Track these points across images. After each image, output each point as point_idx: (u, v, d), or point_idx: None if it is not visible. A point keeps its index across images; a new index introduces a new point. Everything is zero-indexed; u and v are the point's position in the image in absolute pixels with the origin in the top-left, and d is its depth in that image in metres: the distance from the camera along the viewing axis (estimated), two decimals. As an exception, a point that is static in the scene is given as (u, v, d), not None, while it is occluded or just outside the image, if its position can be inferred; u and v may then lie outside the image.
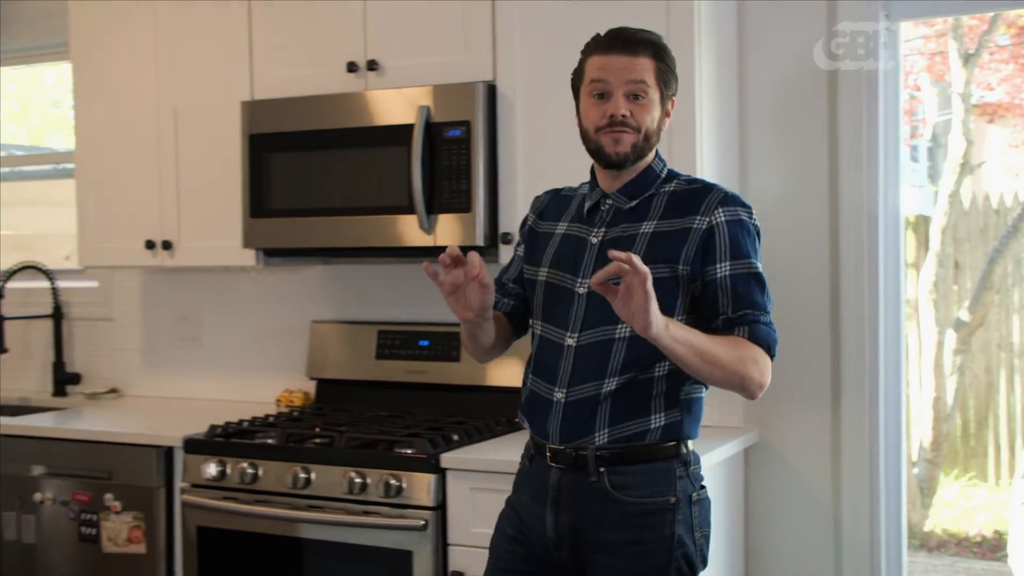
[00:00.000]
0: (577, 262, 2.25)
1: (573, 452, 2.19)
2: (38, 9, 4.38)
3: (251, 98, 3.51)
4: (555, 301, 2.26)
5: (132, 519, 3.38)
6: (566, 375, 2.21)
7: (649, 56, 2.20)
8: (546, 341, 2.27)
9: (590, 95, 2.22)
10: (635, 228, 2.22)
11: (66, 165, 4.44)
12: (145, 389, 4.22)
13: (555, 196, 2.42)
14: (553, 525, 2.22)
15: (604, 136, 2.20)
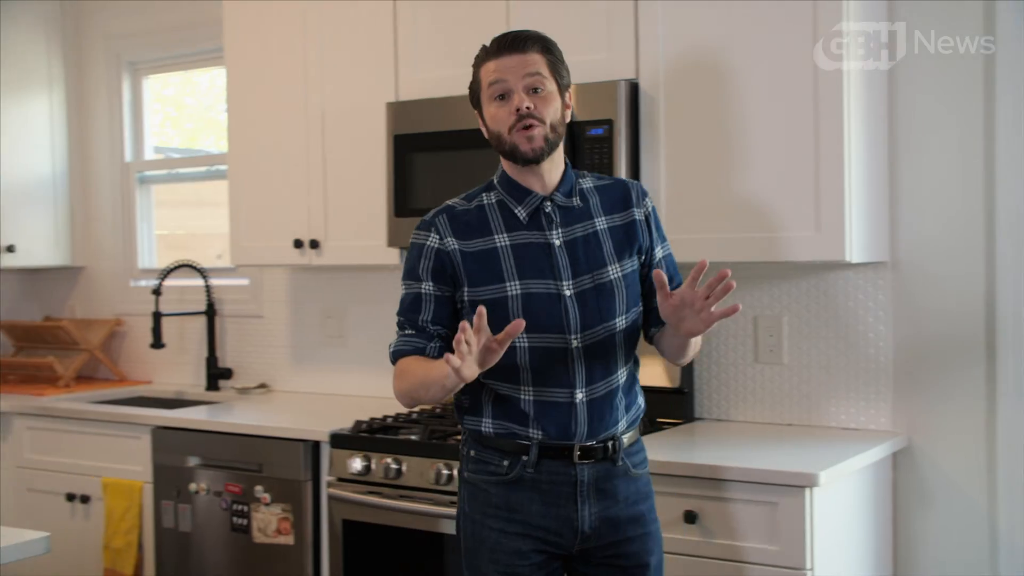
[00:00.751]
0: (551, 267, 2.29)
1: (602, 445, 2.30)
2: (192, 17, 4.54)
3: (396, 99, 3.57)
4: (540, 310, 2.27)
5: (281, 511, 3.47)
6: (581, 376, 2.28)
7: (538, 51, 2.29)
8: (541, 350, 2.27)
9: (492, 99, 2.29)
10: (590, 226, 2.34)
11: (219, 167, 4.58)
12: (293, 384, 4.33)
13: (451, 214, 2.37)
14: (588, 519, 2.29)
15: (517, 135, 2.26)
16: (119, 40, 4.80)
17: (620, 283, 2.32)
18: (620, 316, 2.30)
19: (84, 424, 3.99)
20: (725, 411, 3.41)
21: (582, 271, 2.30)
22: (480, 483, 2.34)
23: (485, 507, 2.32)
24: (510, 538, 2.29)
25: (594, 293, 2.29)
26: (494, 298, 2.27)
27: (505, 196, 2.35)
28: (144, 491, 3.82)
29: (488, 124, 2.32)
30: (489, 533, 2.31)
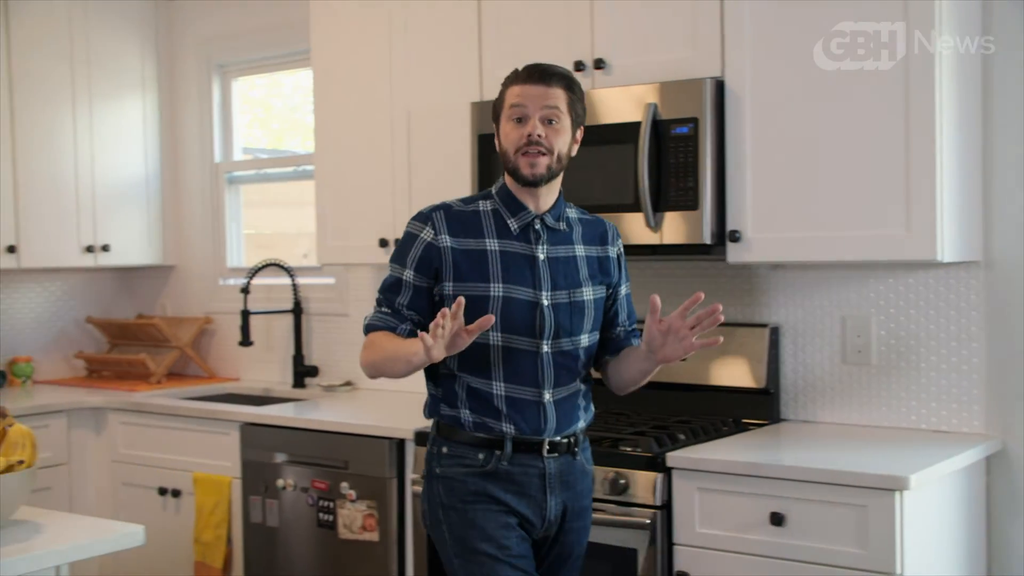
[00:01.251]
0: (533, 277, 2.48)
1: (566, 440, 2.51)
2: (280, 19, 4.61)
3: (480, 99, 3.59)
4: (517, 313, 2.45)
5: (366, 507, 3.51)
6: (549, 378, 2.48)
7: (561, 87, 2.47)
8: (514, 350, 2.46)
9: (510, 119, 2.48)
10: (571, 249, 2.55)
11: (306, 167, 4.65)
12: (377, 382, 4.35)
13: (449, 213, 2.52)
14: (554, 507, 2.50)
15: (521, 158, 2.45)
16: (209, 43, 4.89)
17: (591, 305, 2.54)
18: (585, 333, 2.53)
19: (175, 420, 4.08)
20: (812, 412, 3.37)
21: (560, 286, 2.50)
22: (456, 476, 2.47)
23: (465, 495, 2.46)
24: (497, 515, 2.45)
25: (568, 308, 2.50)
26: (478, 295, 2.44)
27: (501, 207, 2.53)
28: (233, 486, 3.88)
29: (501, 140, 2.50)
30: (476, 515, 2.45)
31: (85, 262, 4.68)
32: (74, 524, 2.35)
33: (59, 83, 4.54)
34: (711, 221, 3.11)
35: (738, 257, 3.13)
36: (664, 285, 3.61)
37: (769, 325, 3.37)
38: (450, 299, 2.43)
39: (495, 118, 2.54)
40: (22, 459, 2.23)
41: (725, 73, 3.12)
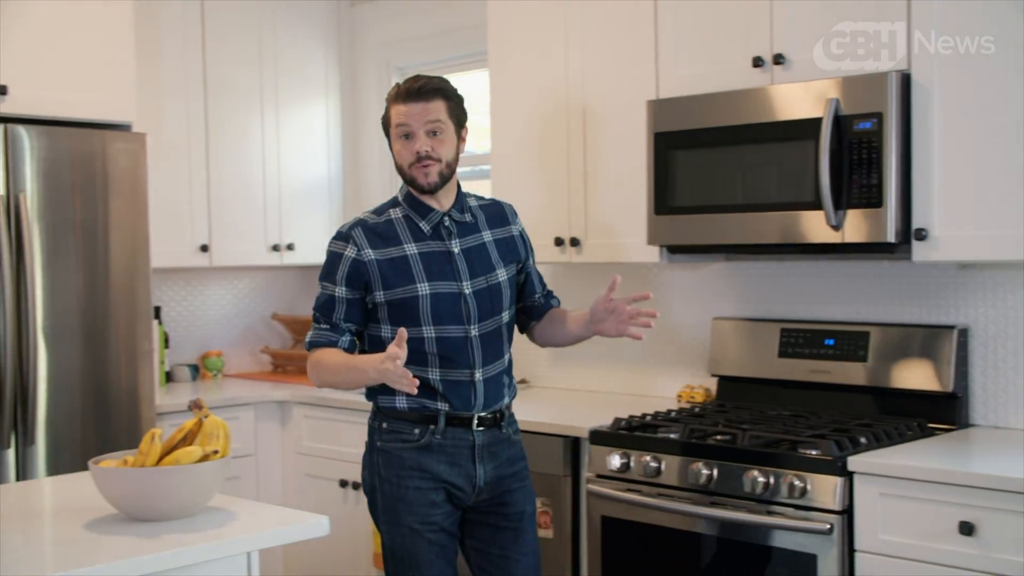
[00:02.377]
0: (453, 270, 2.74)
1: (492, 415, 2.78)
2: (457, 21, 4.68)
3: (656, 96, 3.57)
4: (445, 306, 2.72)
5: (541, 505, 3.53)
6: (478, 359, 2.74)
7: (440, 99, 2.72)
8: (446, 339, 2.72)
9: (398, 137, 2.73)
10: (480, 237, 2.82)
11: (482, 167, 4.71)
12: (552, 380, 4.40)
13: (366, 227, 2.76)
14: (483, 475, 2.76)
15: (416, 170, 2.71)
16: (389, 46, 5.01)
17: (506, 284, 2.82)
18: (506, 311, 2.82)
19: (355, 414, 4.19)
20: (1003, 417, 3.23)
21: (477, 273, 2.77)
22: (394, 450, 2.74)
23: (400, 470, 2.71)
24: (425, 492, 2.71)
25: (487, 292, 2.77)
26: (407, 297, 2.70)
27: (410, 212, 2.77)
28: (411, 480, 3.96)
29: (395, 156, 2.76)
30: (406, 491, 2.71)
31: (271, 260, 4.86)
32: (264, 513, 2.44)
33: (249, 89, 4.73)
34: (895, 219, 3.02)
35: (924, 256, 3.02)
36: (845, 285, 3.53)
37: (957, 327, 3.24)
38: (383, 306, 2.72)
39: (385, 132, 2.78)
40: (216, 449, 2.32)
41: (912, 65, 3.02)
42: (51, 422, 3.67)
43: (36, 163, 3.65)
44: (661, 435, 3.26)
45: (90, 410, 3.78)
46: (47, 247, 3.67)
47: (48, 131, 3.69)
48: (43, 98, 3.73)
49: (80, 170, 3.76)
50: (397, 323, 2.69)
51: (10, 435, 3.58)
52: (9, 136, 3.59)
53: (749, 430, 3.12)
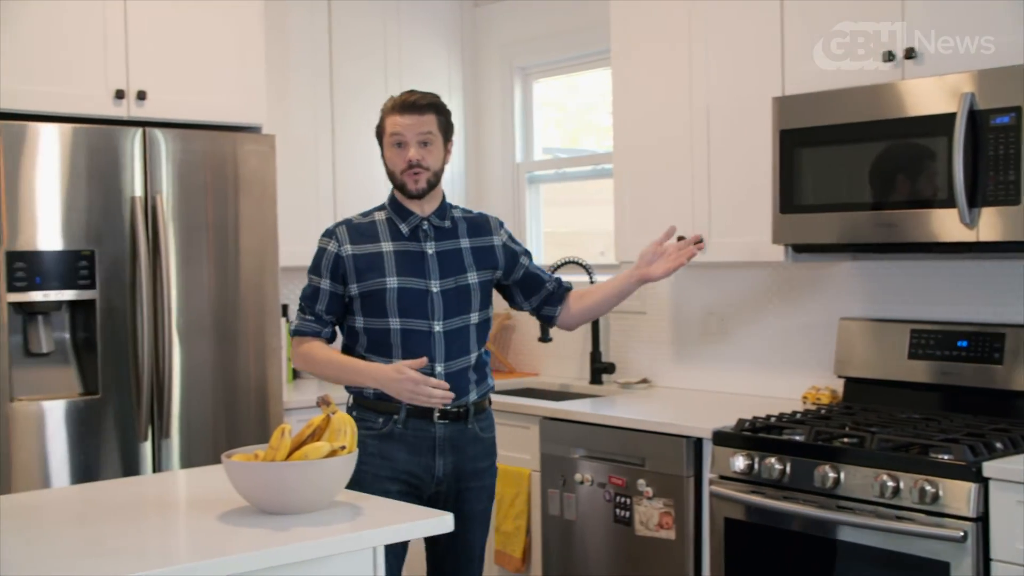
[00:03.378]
0: (423, 269, 2.95)
1: (456, 409, 2.94)
2: (580, 21, 4.68)
3: (782, 93, 3.51)
4: (411, 300, 2.91)
5: (663, 505, 3.51)
6: (440, 353, 2.92)
7: (432, 113, 2.95)
8: (410, 331, 2.92)
9: (391, 145, 2.96)
10: (456, 243, 3.02)
11: (604, 166, 4.70)
12: (674, 380, 4.37)
13: (350, 226, 3.00)
14: (442, 467, 2.94)
15: (406, 176, 2.94)
16: (512, 46, 5.04)
17: (476, 287, 2.99)
18: (474, 312, 2.99)
19: (478, 412, 4.22)
20: None
21: (447, 274, 2.96)
22: (360, 437, 2.75)
23: (363, 455, 2.73)
24: (380, 480, 2.87)
25: (455, 292, 2.95)
26: (377, 289, 2.92)
27: (393, 215, 3.01)
28: (532, 479, 3.98)
29: (386, 161, 2.98)
30: (363, 476, 2.77)
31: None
32: (388, 508, 2.47)
33: (374, 90, 4.79)
34: (1034, 217, 2.92)
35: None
36: (979, 285, 3.42)
37: (1100, 329, 3.12)
38: (356, 298, 2.93)
39: (378, 139, 3.00)
40: (344, 445, 2.37)
41: (1051, 58, 2.92)
42: (185, 416, 3.79)
43: (171, 165, 3.77)
44: (786, 437, 3.21)
45: (221, 405, 3.89)
46: (181, 247, 3.79)
47: (183, 134, 3.80)
48: (178, 102, 3.85)
49: (212, 171, 3.87)
50: (369, 314, 2.93)
51: (147, 429, 3.70)
52: (147, 139, 3.72)
53: (878, 433, 3.05)
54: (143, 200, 3.70)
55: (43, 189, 3.53)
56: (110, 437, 3.64)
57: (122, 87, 3.71)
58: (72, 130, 3.58)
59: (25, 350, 3.58)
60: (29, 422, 3.51)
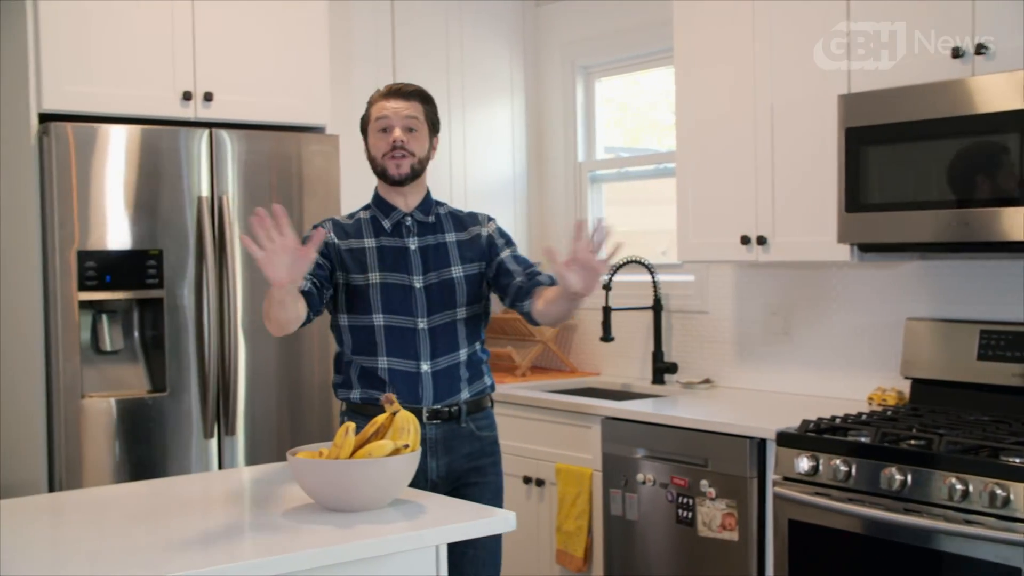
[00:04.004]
0: (406, 265, 2.91)
1: (447, 409, 2.88)
2: (642, 19, 4.66)
3: (848, 91, 3.47)
4: (394, 296, 2.87)
5: (725, 506, 3.49)
6: (427, 350, 2.87)
7: (418, 101, 2.94)
8: (393, 328, 2.87)
9: (376, 130, 2.93)
10: (441, 237, 2.97)
11: (666, 165, 4.68)
12: (737, 380, 4.33)
13: (335, 223, 2.98)
14: (435, 469, 2.88)
15: (388, 161, 2.90)
16: (574, 45, 5.03)
17: (462, 282, 2.93)
18: (461, 307, 2.93)
19: (539, 412, 4.23)
20: None
21: (430, 269, 2.91)
22: None
23: None
24: None
25: (439, 287, 2.90)
26: (360, 285, 2.89)
27: (376, 211, 2.98)
28: (594, 478, 3.98)
29: (370, 148, 2.95)
30: None
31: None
32: (451, 507, 2.48)
33: (436, 89, 4.71)
34: (1108, 215, 2.86)
35: None
36: (1051, 285, 3.36)
37: None
38: (341, 291, 2.89)
39: (363, 132, 2.98)
40: (407, 443, 2.38)
41: None
42: (249, 414, 3.83)
43: (237, 165, 3.82)
44: (852, 438, 3.17)
45: (285, 403, 3.93)
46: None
47: (248, 135, 3.85)
48: (244, 103, 3.89)
49: (277, 172, 3.91)
50: (352, 311, 2.89)
51: (213, 426, 3.75)
52: (214, 140, 3.77)
53: (946, 435, 3.00)
54: (209, 200, 3.75)
55: (113, 190, 3.59)
56: (177, 434, 3.70)
57: (189, 89, 3.77)
58: (141, 131, 3.64)
59: (95, 348, 3.65)
60: (99, 418, 3.58)
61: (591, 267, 2.57)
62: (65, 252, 3.50)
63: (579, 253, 2.56)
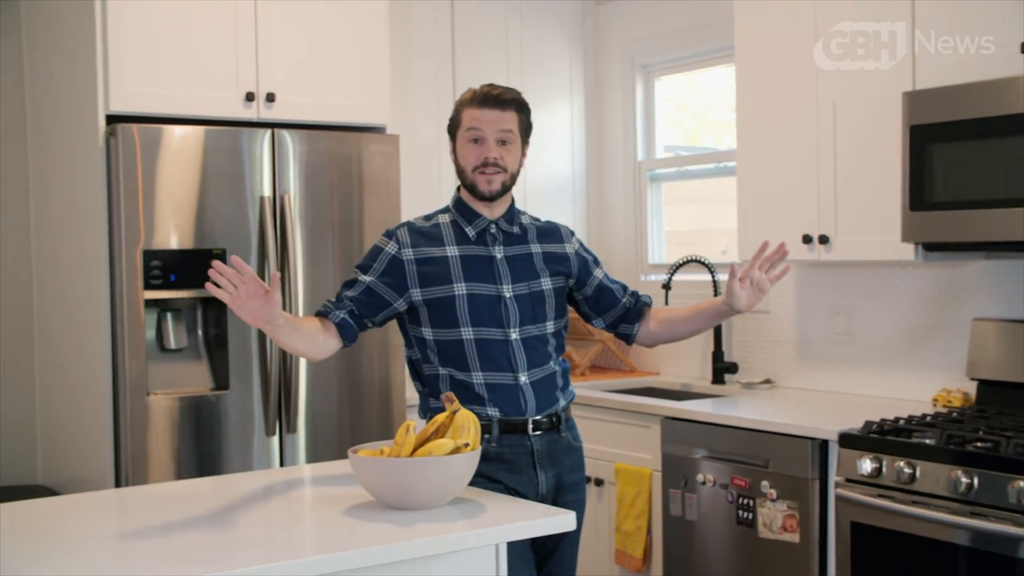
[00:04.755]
0: (493, 274, 2.77)
1: (548, 419, 2.78)
2: (702, 18, 4.64)
3: (912, 87, 3.42)
4: (483, 308, 2.74)
5: (787, 508, 3.46)
6: (522, 362, 2.75)
7: (514, 111, 2.77)
8: (485, 340, 2.73)
9: (467, 140, 2.76)
10: (527, 248, 2.85)
11: (726, 163, 4.65)
12: (798, 381, 4.29)
13: (412, 229, 2.81)
14: (545, 481, 2.77)
15: (478, 176, 2.75)
16: (634, 44, 5.01)
17: (550, 294, 2.83)
18: (550, 320, 2.83)
19: (599, 411, 4.22)
20: None
21: (520, 279, 2.79)
22: None
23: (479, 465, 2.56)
24: (497, 487, 2.69)
25: (529, 298, 2.79)
26: (444, 296, 2.74)
27: (458, 217, 2.82)
28: (653, 479, 3.96)
29: (458, 158, 2.80)
30: None
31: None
32: (511, 506, 2.48)
33: (495, 90, 4.82)
34: None
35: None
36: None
37: None
38: (422, 306, 2.74)
39: (451, 134, 2.83)
40: (467, 442, 2.39)
41: None
42: (310, 412, 3.87)
43: (298, 166, 3.85)
44: (916, 440, 3.13)
45: (345, 401, 3.96)
46: (307, 245, 3.86)
47: (309, 135, 3.88)
48: (305, 104, 3.92)
49: (337, 171, 3.94)
50: (437, 325, 2.74)
51: (275, 424, 3.79)
52: (276, 140, 3.80)
53: (1013, 438, 2.95)
54: (271, 200, 3.79)
55: (177, 190, 3.64)
56: (239, 431, 3.74)
57: (252, 90, 3.81)
58: (204, 132, 3.69)
59: (160, 346, 3.71)
60: (163, 415, 3.63)
61: (763, 286, 2.73)
62: (131, 252, 3.55)
63: (756, 271, 2.73)
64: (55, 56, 3.96)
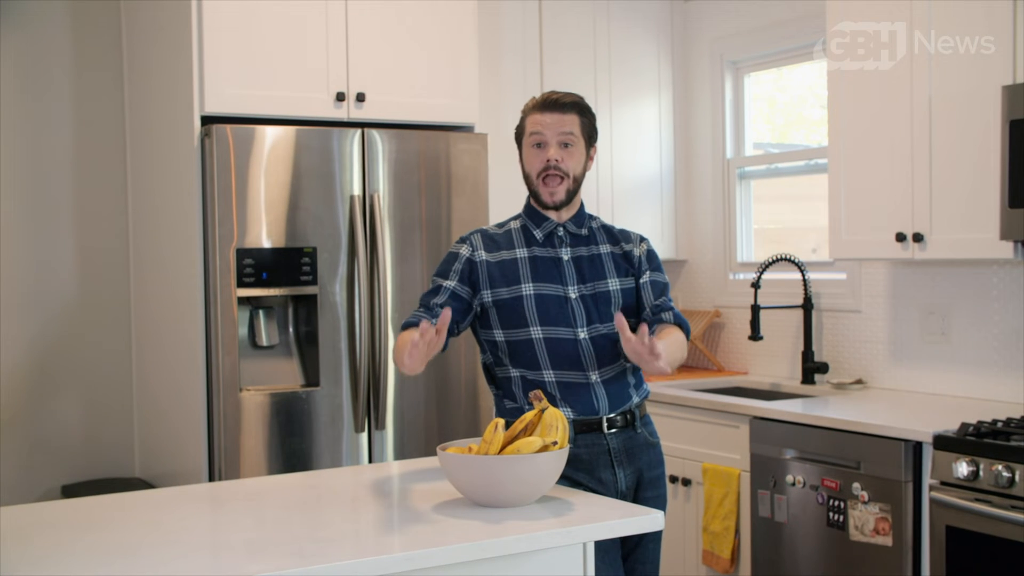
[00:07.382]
0: (560, 275, 2.81)
1: (622, 417, 2.79)
2: (792, 13, 4.58)
3: (1012, 82, 3.34)
4: (550, 307, 2.77)
5: (879, 510, 3.40)
6: (592, 361, 2.76)
7: (575, 113, 2.80)
8: (553, 340, 2.76)
9: (530, 145, 2.81)
10: (595, 249, 2.87)
11: (817, 160, 4.58)
12: (890, 381, 4.22)
13: (484, 235, 2.88)
14: (624, 479, 2.78)
15: (541, 186, 2.80)
16: (723, 41, 4.97)
17: (618, 294, 2.83)
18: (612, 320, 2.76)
19: (687, 411, 4.19)
20: None
21: (586, 280, 2.82)
22: None
23: None
24: (577, 487, 2.67)
25: (592, 299, 2.80)
26: (512, 297, 2.78)
27: (528, 221, 2.87)
28: (741, 479, 3.92)
29: (524, 163, 2.85)
30: None
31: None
32: (599, 504, 2.48)
33: (584, 87, 4.79)
34: None
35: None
36: None
37: None
38: (491, 308, 2.78)
39: (518, 142, 2.87)
40: (555, 440, 2.39)
41: None
42: (399, 409, 3.90)
43: (388, 165, 3.89)
44: (1015, 443, 3.05)
45: (433, 399, 3.98)
46: (396, 244, 3.90)
47: (398, 134, 3.92)
48: (395, 103, 3.96)
49: (426, 170, 3.97)
50: (507, 325, 2.78)
51: (364, 420, 3.83)
52: (366, 140, 3.85)
53: (1117, 442, 2.87)
54: (361, 199, 3.83)
55: (269, 189, 3.70)
56: (329, 427, 3.79)
57: (343, 90, 3.85)
58: (296, 132, 3.74)
59: (252, 343, 3.77)
60: (256, 411, 3.69)
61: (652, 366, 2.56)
62: (224, 250, 3.62)
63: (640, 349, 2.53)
64: (153, 56, 4.05)
